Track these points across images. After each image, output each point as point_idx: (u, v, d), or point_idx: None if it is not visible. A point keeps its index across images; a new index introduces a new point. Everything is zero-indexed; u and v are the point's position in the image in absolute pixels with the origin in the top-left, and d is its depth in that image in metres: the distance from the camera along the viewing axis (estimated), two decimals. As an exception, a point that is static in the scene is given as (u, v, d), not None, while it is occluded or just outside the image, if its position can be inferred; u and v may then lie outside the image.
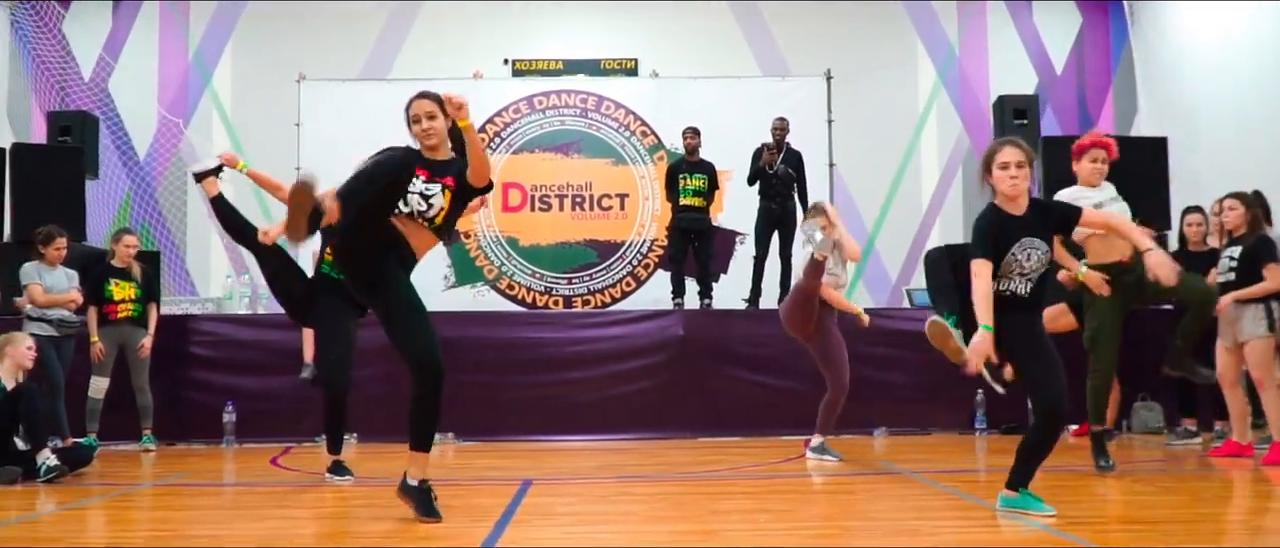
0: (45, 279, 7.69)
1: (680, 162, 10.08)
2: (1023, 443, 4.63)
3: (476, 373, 8.68)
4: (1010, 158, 4.48)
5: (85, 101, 12.91)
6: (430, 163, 4.63)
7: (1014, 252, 4.46)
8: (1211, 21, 11.10)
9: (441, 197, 4.54)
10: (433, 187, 4.54)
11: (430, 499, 4.53)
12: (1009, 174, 4.47)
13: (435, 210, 4.55)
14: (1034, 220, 4.53)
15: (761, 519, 4.70)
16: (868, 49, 13.27)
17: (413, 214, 4.55)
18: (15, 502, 5.55)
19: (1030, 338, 4.54)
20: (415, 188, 4.54)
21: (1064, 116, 13.49)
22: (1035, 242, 4.48)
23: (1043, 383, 4.47)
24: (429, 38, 13.30)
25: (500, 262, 11.58)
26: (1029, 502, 4.55)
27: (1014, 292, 4.50)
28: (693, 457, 7.28)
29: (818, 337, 6.81)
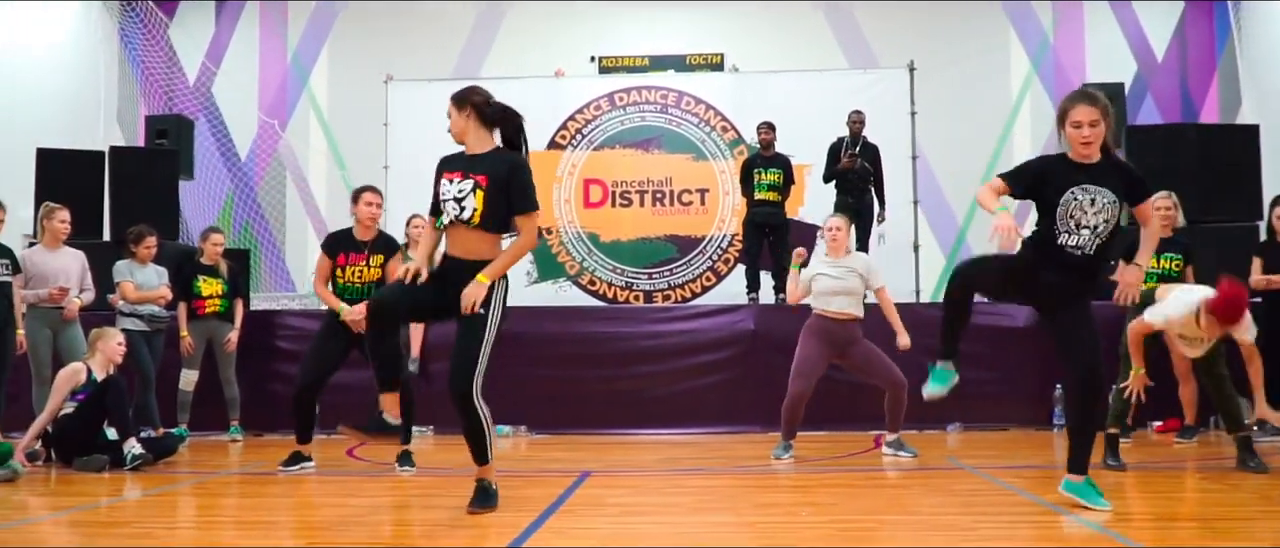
0: (136, 276, 8.04)
1: (755, 156, 10.06)
2: (1069, 421, 4.61)
3: (550, 367, 8.81)
4: (1083, 116, 4.34)
5: (189, 105, 13.44)
6: (461, 160, 4.59)
7: (1074, 193, 4.32)
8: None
9: (473, 197, 4.48)
10: (465, 184, 4.50)
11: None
12: (1082, 134, 4.34)
13: (469, 212, 4.49)
14: (1105, 170, 4.38)
15: (803, 513, 4.70)
16: (958, 39, 13.11)
17: (453, 222, 4.53)
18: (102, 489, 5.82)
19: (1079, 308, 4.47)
20: (448, 193, 4.52)
21: (1165, 105, 13.13)
22: (1102, 190, 4.32)
23: (1074, 352, 4.43)
24: (517, 37, 13.52)
25: (581, 257, 11.71)
26: (1088, 493, 4.49)
27: (1079, 247, 4.35)
28: (757, 451, 7.27)
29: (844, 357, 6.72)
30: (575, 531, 4.28)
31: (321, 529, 4.48)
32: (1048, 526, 4.30)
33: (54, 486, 5.98)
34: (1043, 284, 4.48)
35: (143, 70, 13.57)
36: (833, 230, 6.80)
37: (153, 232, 8.18)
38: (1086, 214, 4.31)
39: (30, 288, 7.49)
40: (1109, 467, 5.83)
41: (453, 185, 4.51)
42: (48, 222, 7.66)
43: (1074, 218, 4.33)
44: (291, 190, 13.94)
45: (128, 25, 13.52)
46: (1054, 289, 4.46)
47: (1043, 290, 4.51)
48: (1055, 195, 4.35)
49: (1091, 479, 4.56)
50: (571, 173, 11.86)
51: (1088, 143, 4.34)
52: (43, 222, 7.69)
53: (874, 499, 5.11)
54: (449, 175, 4.55)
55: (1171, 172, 8.40)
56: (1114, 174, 4.40)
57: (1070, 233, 4.34)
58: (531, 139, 12.14)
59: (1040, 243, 4.46)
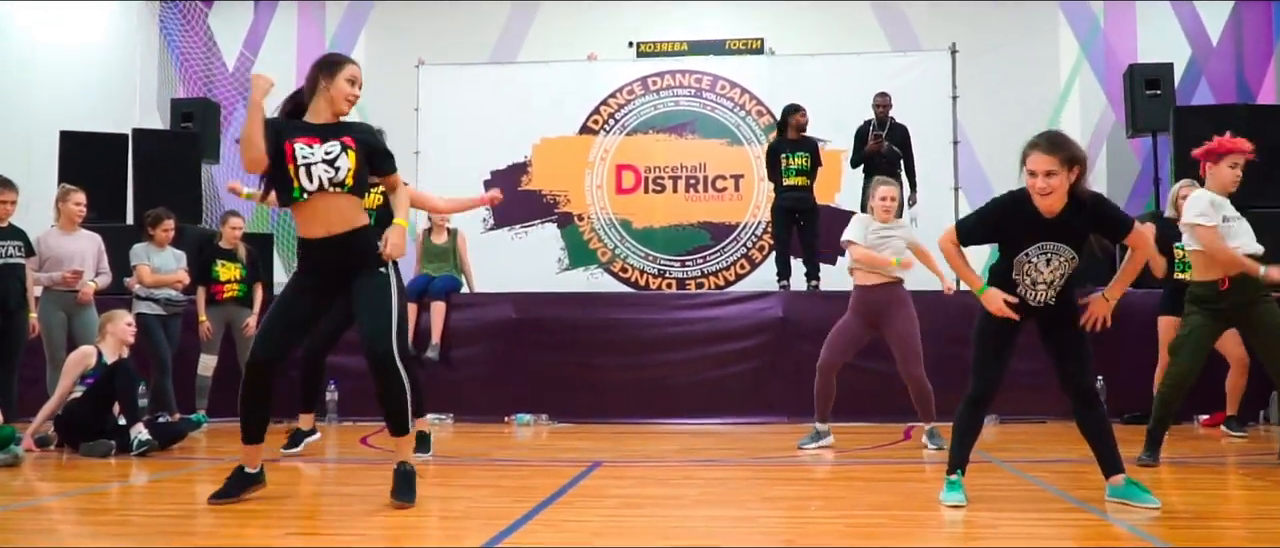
0: (153, 260, 7.96)
1: (781, 141, 9.75)
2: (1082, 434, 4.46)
3: (572, 354, 8.64)
4: (1037, 166, 4.06)
5: (228, 94, 13.42)
6: (310, 127, 4.38)
7: (1030, 254, 4.16)
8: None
9: (346, 157, 4.30)
10: (332, 146, 4.31)
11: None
12: (1036, 184, 4.07)
13: (344, 173, 4.30)
14: (1067, 222, 4.14)
15: (812, 507, 4.47)
16: (1004, 21, 12.73)
17: (320, 190, 4.30)
18: (104, 474, 5.70)
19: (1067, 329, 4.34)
20: (311, 157, 4.29)
21: (1220, 88, 12.63)
22: (1059, 248, 4.15)
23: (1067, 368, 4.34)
24: (555, 21, 13.33)
25: (614, 244, 11.50)
26: (1133, 492, 4.27)
27: (1037, 300, 4.25)
28: (782, 442, 7.03)
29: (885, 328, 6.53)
30: (569, 523, 4.07)
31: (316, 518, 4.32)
32: (1072, 523, 4.04)
33: (58, 471, 5.87)
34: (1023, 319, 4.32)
35: (181, 58, 13.57)
36: (887, 200, 6.56)
37: (170, 215, 8.10)
38: (1041, 273, 4.19)
39: (45, 270, 7.43)
40: (1139, 463, 5.55)
41: (314, 150, 4.29)
42: (63, 204, 7.59)
43: (1030, 277, 4.20)
44: (325, 178, 13.87)
45: (167, 13, 13.54)
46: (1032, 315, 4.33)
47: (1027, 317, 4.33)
48: (1013, 252, 4.21)
49: (1131, 479, 4.31)
50: (604, 158, 11.65)
51: (1044, 194, 4.07)
52: (58, 204, 7.63)
53: (889, 494, 4.84)
54: (304, 140, 4.31)
55: (1222, 154, 8.01)
56: (1079, 224, 4.16)
57: (1027, 288, 4.22)
58: (562, 123, 12.15)
59: (1003, 282, 4.30)
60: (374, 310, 4.38)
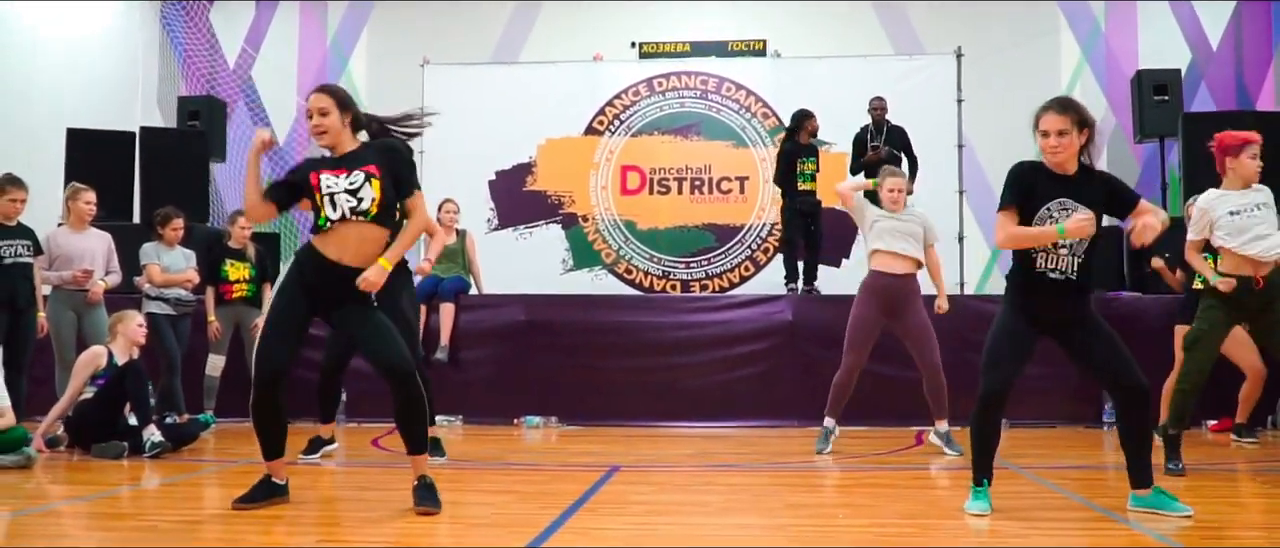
0: (163, 259, 7.92)
1: (796, 145, 9.73)
2: (1122, 436, 4.36)
3: (580, 357, 8.62)
4: (1049, 125, 4.18)
5: (230, 90, 13.37)
6: (336, 160, 4.42)
7: (1050, 208, 4.17)
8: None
9: (369, 186, 4.31)
10: (356, 176, 4.32)
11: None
12: (1048, 142, 4.18)
13: (368, 202, 4.31)
14: (1081, 185, 4.21)
15: (841, 515, 4.47)
16: (1006, 25, 12.71)
17: (343, 220, 4.32)
18: (117, 476, 5.69)
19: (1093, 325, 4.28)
20: (336, 186, 4.31)
21: (1220, 93, 12.64)
22: (1078, 207, 4.16)
23: (1114, 368, 4.22)
24: (558, 22, 13.27)
25: (618, 245, 11.49)
26: (1162, 501, 4.27)
27: (1059, 269, 4.20)
28: (793, 446, 7.05)
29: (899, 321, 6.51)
30: (599, 531, 4.06)
31: (339, 524, 4.30)
32: (1102, 533, 4.04)
33: (70, 473, 5.85)
34: (1047, 322, 4.31)
35: (183, 55, 13.52)
36: (895, 191, 6.60)
37: (180, 213, 8.07)
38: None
39: (54, 269, 7.39)
40: (1170, 472, 5.50)
41: (339, 180, 4.31)
42: (73, 202, 7.55)
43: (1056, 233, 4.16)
44: (328, 177, 13.83)
45: (169, 9, 13.49)
46: (1058, 321, 4.30)
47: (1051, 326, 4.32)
48: (1028, 216, 4.21)
49: (1160, 487, 4.31)
50: (609, 159, 11.64)
51: (1055, 151, 4.16)
52: (68, 202, 7.59)
53: (915, 502, 4.84)
54: (330, 172, 4.34)
55: (1230, 161, 8.02)
56: (1094, 187, 4.24)
57: (1047, 254, 4.19)
58: (568, 124, 12.12)
59: (1022, 276, 4.32)
60: (387, 339, 4.38)
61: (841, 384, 6.58)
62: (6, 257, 6.98)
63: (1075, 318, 4.28)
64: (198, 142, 10.15)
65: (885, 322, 6.58)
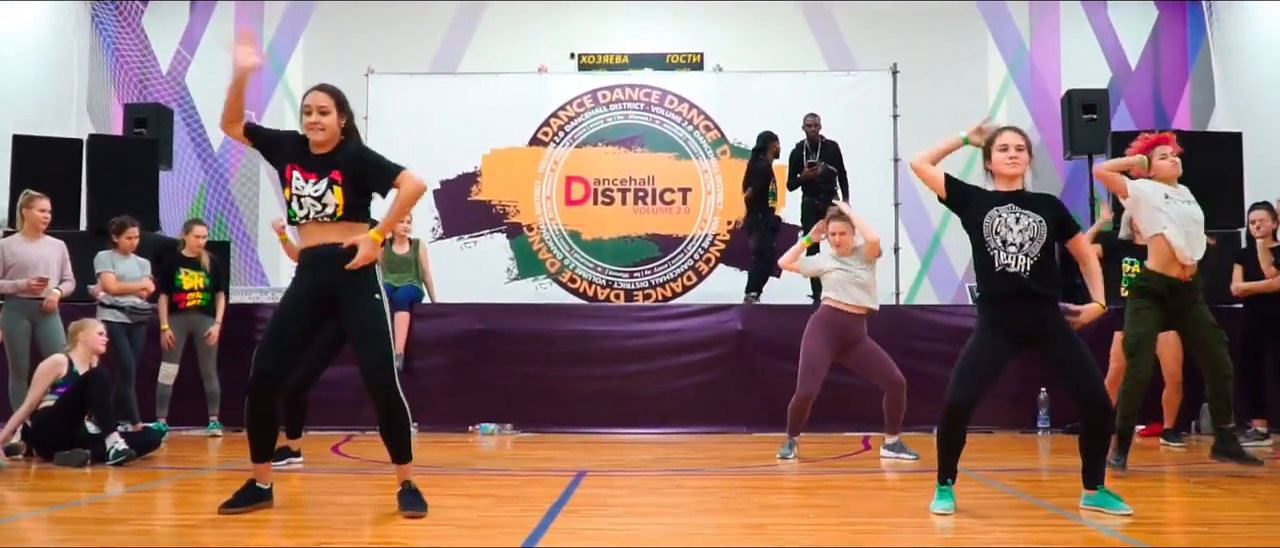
0: (118, 267, 7.91)
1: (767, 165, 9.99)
2: (1081, 442, 4.64)
3: (534, 365, 8.79)
4: (1010, 140, 4.52)
5: (163, 94, 13.24)
6: (310, 158, 4.46)
7: (998, 211, 4.45)
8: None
9: (331, 193, 4.41)
10: (320, 184, 4.42)
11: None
12: (1008, 154, 4.51)
13: (331, 208, 4.41)
14: (1031, 198, 4.52)
15: (811, 514, 4.68)
16: (936, 43, 13.12)
17: (310, 220, 4.45)
18: (84, 484, 5.70)
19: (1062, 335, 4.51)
20: (304, 190, 4.43)
21: (1139, 113, 13.20)
22: (1026, 211, 4.45)
23: (1078, 382, 4.47)
24: (496, 31, 13.39)
25: (562, 255, 11.65)
26: (1107, 500, 4.54)
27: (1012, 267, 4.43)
28: (748, 451, 7.28)
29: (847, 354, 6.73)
30: (585, 531, 4.23)
31: (321, 529, 4.39)
32: (1058, 528, 4.30)
33: (35, 481, 5.83)
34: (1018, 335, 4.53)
35: (116, 58, 13.35)
36: (839, 235, 6.77)
37: (135, 222, 8.06)
38: (1011, 231, 4.42)
39: (8, 278, 7.34)
40: (1112, 464, 5.76)
41: (306, 184, 4.41)
42: (28, 210, 7.50)
43: (1000, 235, 4.43)
44: (265, 183, 13.73)
45: (102, 12, 13.30)
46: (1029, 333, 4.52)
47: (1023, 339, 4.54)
48: (979, 215, 4.48)
49: (1104, 487, 4.59)
50: (553, 170, 11.81)
51: (1014, 161, 4.49)
52: (22, 210, 7.53)
53: (878, 501, 5.09)
54: (302, 171, 4.43)
55: (1156, 178, 8.44)
56: (1043, 203, 4.54)
57: (1000, 251, 4.44)
58: (512, 134, 12.23)
59: (985, 283, 4.56)
60: (373, 340, 4.45)
61: (796, 411, 6.73)
62: (-39, 265, 6.94)
63: (1045, 331, 4.50)
64: (147, 149, 10.10)
65: (836, 355, 6.73)
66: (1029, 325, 4.50)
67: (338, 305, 4.48)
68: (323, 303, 4.50)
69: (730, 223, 11.55)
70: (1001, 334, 4.52)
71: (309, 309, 4.51)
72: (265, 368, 4.47)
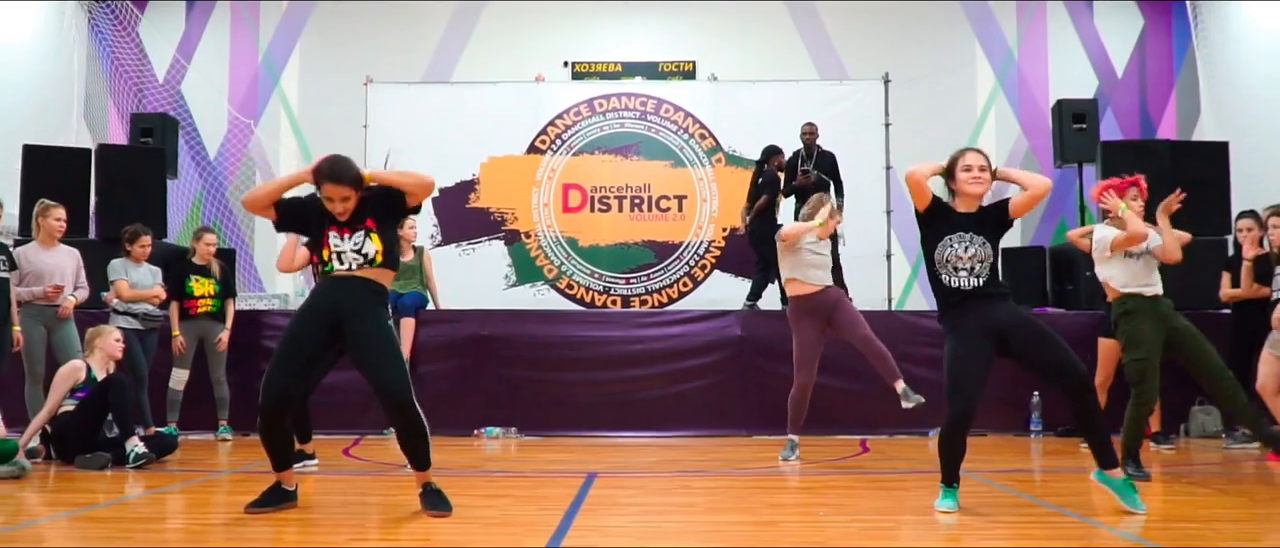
0: (131, 275, 8.05)
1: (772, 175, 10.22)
2: (1079, 427, 4.98)
3: (538, 370, 8.96)
4: (974, 161, 4.77)
5: (159, 102, 13.32)
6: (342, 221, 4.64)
7: (950, 240, 4.70)
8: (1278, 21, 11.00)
9: (370, 241, 4.61)
10: (358, 236, 4.61)
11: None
12: (972, 174, 4.73)
13: (373, 252, 4.62)
14: (981, 219, 4.76)
15: (820, 512, 4.87)
16: (925, 52, 13.32)
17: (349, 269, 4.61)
18: (106, 486, 5.84)
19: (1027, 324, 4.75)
20: (343, 246, 4.61)
21: (1125, 121, 13.43)
22: (974, 237, 4.70)
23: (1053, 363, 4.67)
24: (490, 40, 13.55)
25: (560, 261, 11.82)
26: (1124, 491, 4.72)
27: (962, 286, 4.70)
28: (750, 454, 7.47)
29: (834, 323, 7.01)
30: (607, 528, 4.41)
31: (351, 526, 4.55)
32: (1059, 526, 4.50)
33: (58, 484, 5.97)
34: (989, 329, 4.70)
35: (113, 66, 13.43)
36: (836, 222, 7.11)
37: (148, 231, 8.21)
38: (961, 259, 4.70)
39: (25, 285, 7.47)
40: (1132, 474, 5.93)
41: (345, 242, 4.60)
42: (43, 219, 7.63)
43: (950, 263, 4.71)
44: (261, 190, 13.85)
45: (100, 20, 13.38)
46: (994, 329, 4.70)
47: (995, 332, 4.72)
48: (934, 240, 4.76)
49: (1129, 479, 4.79)
50: (551, 177, 11.97)
51: (977, 180, 4.73)
52: (38, 219, 7.66)
53: (882, 500, 5.29)
54: (336, 232, 4.61)
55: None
56: (988, 220, 4.78)
57: (950, 275, 4.72)
58: (510, 143, 12.35)
59: (940, 295, 4.82)
60: (386, 358, 4.60)
61: (796, 401, 6.98)
62: (-16, 273, 7.07)
63: (1009, 325, 4.71)
64: (154, 158, 10.23)
65: (825, 331, 7.03)
66: (994, 319, 4.70)
67: (345, 329, 4.62)
68: (334, 326, 4.65)
69: (725, 230, 11.75)
70: (975, 332, 4.69)
71: (321, 330, 4.65)
72: (277, 391, 4.59)
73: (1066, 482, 6.01)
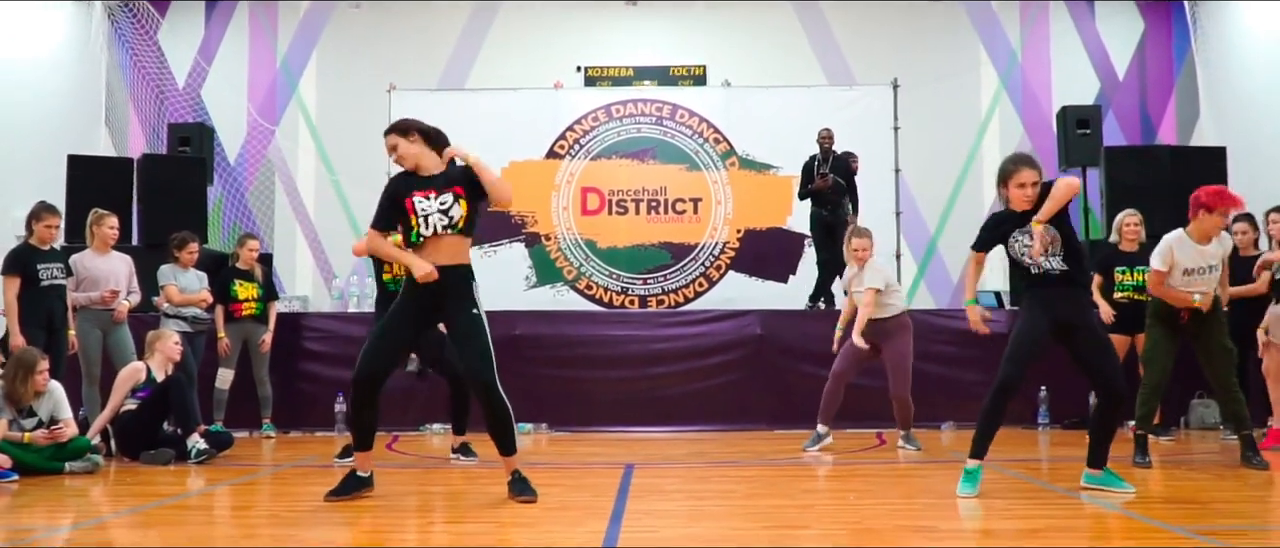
0: (179, 280, 8.43)
1: None
2: (1092, 424, 5.30)
3: (566, 368, 9.34)
4: (1027, 179, 5.14)
5: (179, 107, 13.58)
6: (425, 180, 4.99)
7: (1016, 236, 5.15)
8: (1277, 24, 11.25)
9: (458, 205, 4.92)
10: (445, 197, 4.93)
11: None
12: (1025, 193, 5.12)
13: (457, 217, 4.93)
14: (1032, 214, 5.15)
15: (852, 497, 5.25)
16: (931, 56, 13.61)
17: (435, 235, 4.94)
18: (174, 479, 6.22)
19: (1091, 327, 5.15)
20: (428, 209, 4.91)
21: (1126, 124, 13.69)
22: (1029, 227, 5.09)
23: (1103, 370, 5.08)
24: (504, 45, 13.82)
25: (579, 263, 12.19)
26: (1110, 480, 5.20)
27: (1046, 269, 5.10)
28: (773, 447, 7.85)
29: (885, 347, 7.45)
30: (659, 512, 4.79)
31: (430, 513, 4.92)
32: (1072, 507, 4.88)
33: (129, 478, 6.32)
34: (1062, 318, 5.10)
35: (136, 72, 13.69)
36: (861, 252, 7.53)
37: (195, 238, 8.60)
38: (1025, 251, 5.13)
39: (81, 291, 7.82)
40: (1137, 464, 6.32)
41: (431, 202, 4.92)
42: (98, 227, 7.98)
43: (1024, 256, 5.13)
44: (280, 195, 14.16)
45: (122, 24, 13.62)
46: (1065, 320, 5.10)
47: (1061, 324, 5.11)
48: (1003, 241, 5.25)
49: (1109, 468, 5.18)
50: (569, 181, 12.35)
51: (1029, 200, 5.12)
52: (92, 227, 8.01)
53: (909, 486, 5.68)
54: (421, 194, 4.94)
55: (1145, 190, 9.08)
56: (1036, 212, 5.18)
57: (1026, 256, 5.13)
58: (529, 148, 12.68)
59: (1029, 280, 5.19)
60: (472, 346, 4.98)
61: (830, 392, 7.53)
62: (44, 279, 7.42)
63: (1078, 321, 5.12)
64: (196, 167, 10.61)
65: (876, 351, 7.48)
66: (1068, 312, 5.11)
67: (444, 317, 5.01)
68: (428, 318, 5.06)
69: (740, 232, 12.14)
70: (1045, 316, 5.10)
71: (415, 323, 5.05)
72: (366, 371, 4.97)
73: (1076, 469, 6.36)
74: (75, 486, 5.94)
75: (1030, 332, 5.12)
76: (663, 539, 4.07)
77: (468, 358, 4.99)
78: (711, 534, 4.21)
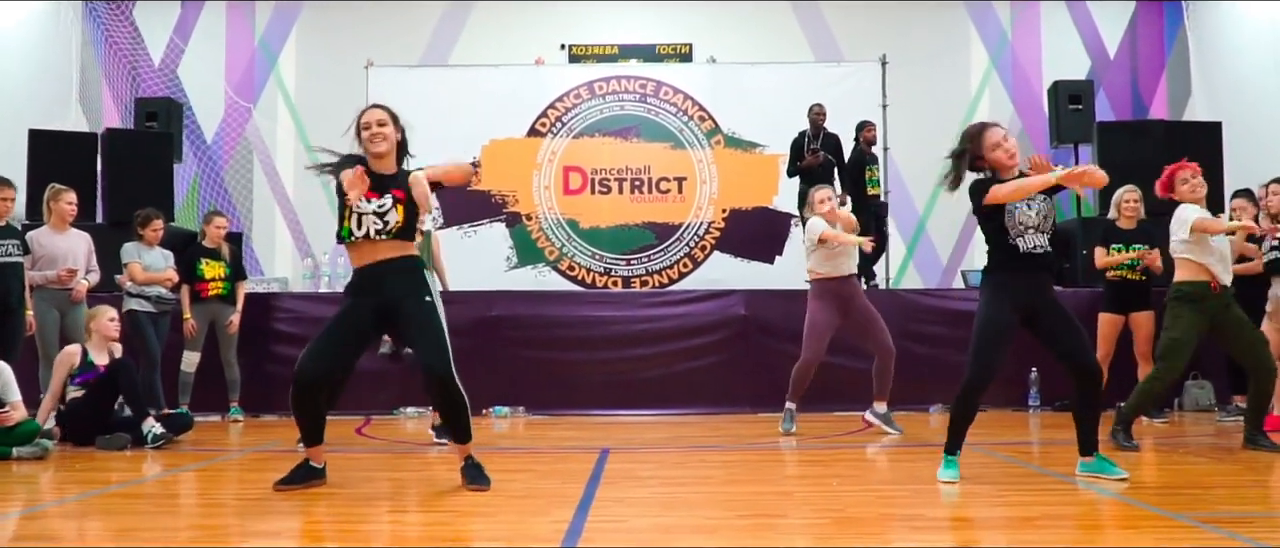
0: (144, 258, 8.15)
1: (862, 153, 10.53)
2: (1074, 409, 5.02)
3: (544, 350, 9.10)
4: (1000, 135, 4.87)
5: (155, 86, 13.31)
6: (374, 179, 4.63)
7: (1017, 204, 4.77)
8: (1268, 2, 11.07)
9: (395, 211, 4.63)
10: (385, 200, 4.63)
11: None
12: (1007, 146, 4.84)
13: (392, 224, 4.63)
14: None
15: (835, 483, 5.01)
16: (920, 33, 13.41)
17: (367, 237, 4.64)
18: (128, 465, 5.95)
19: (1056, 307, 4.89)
20: (365, 209, 4.61)
21: (1117, 101, 13.55)
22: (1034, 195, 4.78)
23: (1071, 348, 4.82)
24: (488, 22, 13.57)
25: (561, 243, 11.93)
26: (1103, 466, 4.91)
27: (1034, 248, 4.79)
28: (755, 430, 7.61)
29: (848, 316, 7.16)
30: (630, 499, 4.55)
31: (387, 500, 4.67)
32: (1065, 493, 4.65)
33: (88, 463, 6.06)
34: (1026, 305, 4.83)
35: (110, 50, 13.42)
36: (827, 200, 7.27)
37: (160, 214, 8.31)
38: (1029, 217, 4.78)
39: (37, 269, 7.55)
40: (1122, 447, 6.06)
41: (368, 204, 4.60)
42: (55, 203, 7.71)
43: (1023, 224, 4.78)
44: (258, 175, 13.90)
45: (95, 3, 13.35)
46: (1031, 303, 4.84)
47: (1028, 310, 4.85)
48: (999, 209, 4.81)
49: (1101, 454, 4.95)
50: (551, 160, 12.08)
51: (1012, 154, 4.84)
52: (50, 203, 7.74)
53: (890, 473, 5.46)
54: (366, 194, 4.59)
55: (1139, 166, 8.82)
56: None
57: (1022, 237, 4.78)
58: (510, 125, 12.42)
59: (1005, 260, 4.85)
60: (428, 336, 4.72)
61: (800, 373, 7.26)
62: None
63: (1044, 302, 4.86)
64: (161, 143, 10.30)
65: (839, 318, 7.22)
66: (1033, 296, 4.83)
67: (397, 315, 4.74)
68: (379, 320, 4.79)
69: (725, 211, 11.89)
70: (1010, 303, 4.82)
71: (365, 326, 4.78)
72: (308, 377, 4.67)
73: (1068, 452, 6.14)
74: (21, 472, 5.67)
75: (996, 325, 4.84)
76: (630, 531, 3.81)
77: (424, 349, 4.72)
78: (683, 525, 3.95)
